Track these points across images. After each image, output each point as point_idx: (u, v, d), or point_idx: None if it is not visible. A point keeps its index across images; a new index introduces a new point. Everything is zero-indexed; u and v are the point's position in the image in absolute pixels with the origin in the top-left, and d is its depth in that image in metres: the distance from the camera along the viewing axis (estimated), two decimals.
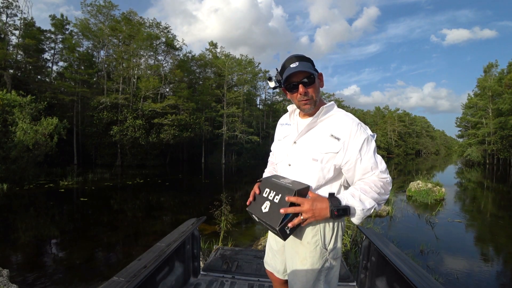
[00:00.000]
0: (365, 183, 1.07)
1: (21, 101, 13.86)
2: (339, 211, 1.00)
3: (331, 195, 1.06)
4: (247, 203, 1.23)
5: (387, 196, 1.09)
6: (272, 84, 1.21)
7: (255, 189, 1.23)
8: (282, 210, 1.00)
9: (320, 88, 1.20)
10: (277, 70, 1.21)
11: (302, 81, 1.11)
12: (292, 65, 1.12)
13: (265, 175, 1.45)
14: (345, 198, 1.04)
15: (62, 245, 5.49)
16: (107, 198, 10.26)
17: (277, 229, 1.00)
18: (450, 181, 17.19)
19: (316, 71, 1.16)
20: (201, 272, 2.45)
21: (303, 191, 1.06)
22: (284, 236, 1.05)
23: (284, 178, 1.17)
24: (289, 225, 1.02)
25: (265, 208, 1.10)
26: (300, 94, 1.13)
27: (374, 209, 1.07)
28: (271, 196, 1.10)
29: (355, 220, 1.06)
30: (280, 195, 1.06)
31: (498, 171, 26.73)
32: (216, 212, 5.25)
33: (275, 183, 1.12)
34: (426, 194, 9.96)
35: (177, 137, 25.64)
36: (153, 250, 1.75)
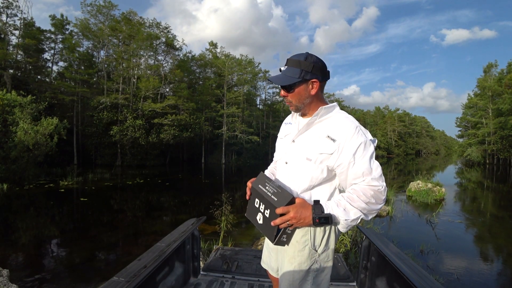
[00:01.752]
0: (354, 191, 1.04)
1: (21, 101, 13.85)
2: (321, 219, 1.00)
3: (316, 202, 1.06)
4: (247, 197, 1.28)
5: (379, 206, 1.03)
6: None
7: (247, 190, 1.28)
8: (272, 223, 1.06)
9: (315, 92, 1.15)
10: None
11: (282, 85, 1.14)
12: (282, 68, 1.14)
13: (266, 172, 1.47)
14: (330, 207, 1.04)
15: (62, 245, 5.50)
16: (107, 198, 10.27)
17: (274, 243, 1.11)
18: (450, 181, 17.20)
19: (306, 77, 1.09)
20: (201, 272, 2.45)
21: (288, 204, 1.06)
22: (283, 245, 1.15)
23: (270, 182, 1.16)
24: (273, 222, 1.07)
25: (259, 219, 1.17)
26: (282, 96, 1.18)
27: (362, 219, 1.05)
28: (262, 208, 1.14)
29: (341, 228, 1.06)
30: (269, 210, 1.10)
31: (498, 171, 26.74)
32: (216, 212, 5.25)
33: (262, 195, 1.13)
34: (426, 194, 9.96)
35: (177, 137, 25.64)
36: (153, 250, 1.75)
